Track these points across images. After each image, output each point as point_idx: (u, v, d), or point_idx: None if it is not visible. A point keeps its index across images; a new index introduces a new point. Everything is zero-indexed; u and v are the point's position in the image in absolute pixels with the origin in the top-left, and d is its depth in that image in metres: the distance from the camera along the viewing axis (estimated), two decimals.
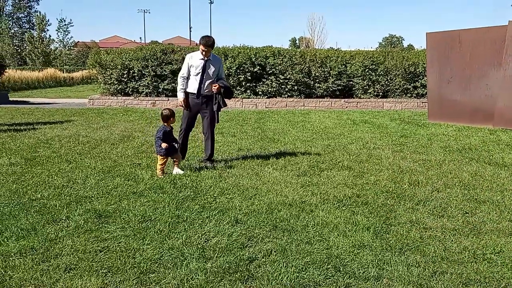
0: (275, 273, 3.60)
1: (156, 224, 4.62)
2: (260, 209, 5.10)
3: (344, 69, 16.41)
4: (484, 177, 6.53)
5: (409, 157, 7.87)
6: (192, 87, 7.06)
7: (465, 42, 11.96)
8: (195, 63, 7.00)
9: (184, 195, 5.57)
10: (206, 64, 6.99)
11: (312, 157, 7.79)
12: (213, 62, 7.08)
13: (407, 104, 16.11)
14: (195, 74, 7.01)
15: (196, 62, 7.00)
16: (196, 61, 7.00)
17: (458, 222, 4.77)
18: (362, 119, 12.93)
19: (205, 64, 6.98)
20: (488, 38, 11.49)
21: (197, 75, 6.99)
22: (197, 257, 3.86)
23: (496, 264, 3.84)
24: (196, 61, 7.00)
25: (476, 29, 12.01)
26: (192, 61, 7.02)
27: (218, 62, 7.22)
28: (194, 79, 7.03)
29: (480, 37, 11.68)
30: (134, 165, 7.11)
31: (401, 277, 3.57)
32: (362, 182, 6.25)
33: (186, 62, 7.08)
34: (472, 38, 11.85)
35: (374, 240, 4.28)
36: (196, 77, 7.01)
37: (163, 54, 16.42)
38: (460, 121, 11.93)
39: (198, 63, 6.98)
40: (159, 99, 16.31)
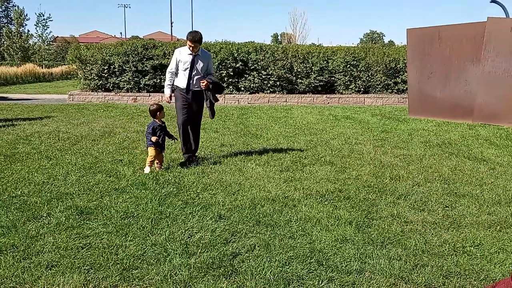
0: (258, 268, 3.62)
1: (138, 220, 4.59)
2: (243, 204, 5.11)
3: (326, 65, 16.49)
4: (464, 172, 6.63)
5: (390, 152, 7.95)
6: (180, 82, 6.99)
7: (444, 38, 12.11)
8: (184, 58, 6.91)
9: (166, 191, 5.54)
10: (194, 59, 6.89)
11: (294, 153, 7.82)
12: (202, 58, 6.98)
13: (388, 99, 16.26)
14: (183, 70, 6.93)
15: (184, 57, 6.91)
16: (185, 56, 6.91)
17: (438, 216, 4.84)
18: (344, 114, 13.02)
19: (193, 59, 6.89)
20: (467, 35, 11.65)
21: (186, 71, 6.91)
22: (180, 253, 3.85)
23: (475, 257, 3.91)
24: (184, 56, 6.91)
25: (456, 26, 12.16)
26: (181, 56, 6.93)
27: (207, 57, 7.12)
28: (183, 74, 6.95)
29: (459, 33, 11.84)
30: (116, 161, 7.05)
31: (383, 270, 3.62)
32: (344, 177, 6.30)
33: (175, 57, 6.99)
34: (452, 34, 12.00)
35: (356, 234, 4.32)
36: (185, 72, 6.93)
37: (144, 50, 16.28)
38: (440, 116, 12.10)
39: (187, 58, 6.90)
40: (140, 94, 16.18)
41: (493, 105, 11.27)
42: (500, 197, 5.45)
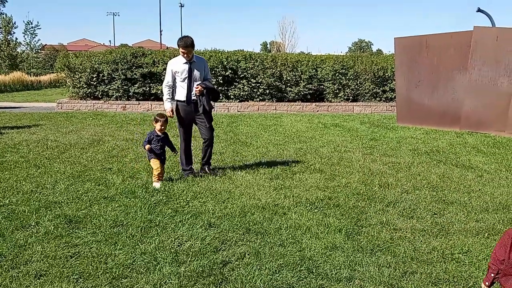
0: (248, 276, 3.62)
1: (128, 229, 4.57)
2: (233, 212, 5.11)
3: (315, 73, 16.57)
4: (452, 179, 6.69)
5: (379, 159, 8.00)
6: (180, 94, 6.65)
7: (432, 46, 12.24)
8: (179, 68, 6.57)
9: (156, 199, 5.53)
10: (191, 67, 6.57)
11: (284, 161, 7.84)
12: (198, 64, 6.66)
13: (377, 107, 16.37)
14: (181, 80, 6.60)
15: (180, 68, 6.57)
16: (180, 66, 6.58)
17: (427, 223, 4.88)
18: (333, 122, 13.09)
19: (190, 67, 6.56)
20: (454, 43, 11.79)
21: (184, 81, 6.58)
22: (170, 262, 3.84)
23: (464, 264, 3.94)
24: (179, 66, 6.58)
25: (443, 34, 12.31)
26: (176, 66, 6.60)
27: (202, 62, 6.81)
28: (181, 86, 6.63)
29: (447, 42, 11.98)
30: (105, 169, 7.02)
31: (373, 278, 3.64)
32: (334, 184, 6.33)
33: (169, 69, 6.65)
34: (439, 43, 12.14)
35: (346, 242, 4.34)
36: (183, 84, 6.60)
37: (133, 58, 16.26)
38: (428, 124, 12.20)
39: (182, 68, 6.56)
40: (129, 102, 16.14)
41: (480, 113, 11.40)
42: (487, 204, 5.51)
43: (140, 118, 13.55)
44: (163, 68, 15.96)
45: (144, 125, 11.95)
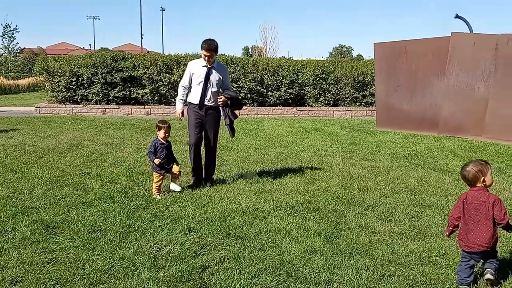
0: (228, 281, 3.61)
1: (106, 234, 4.53)
2: (213, 217, 5.10)
3: (296, 78, 16.67)
4: (429, 183, 6.78)
5: (358, 163, 8.07)
6: (194, 97, 6.42)
7: (410, 52, 12.42)
8: (197, 71, 6.37)
9: (135, 204, 5.49)
10: (209, 72, 6.35)
11: (265, 165, 7.86)
12: (218, 70, 6.44)
13: (357, 112, 16.53)
14: (197, 83, 6.37)
15: (198, 70, 6.37)
16: (199, 68, 6.38)
17: (405, 226, 4.93)
18: (314, 127, 13.16)
19: (208, 71, 6.34)
20: (432, 49, 11.98)
21: (200, 84, 6.35)
22: (148, 267, 3.81)
23: (441, 266, 4.00)
24: (198, 68, 6.38)
25: (421, 40, 12.50)
26: (194, 68, 6.40)
27: (223, 70, 6.60)
28: (196, 89, 6.40)
29: (425, 47, 12.17)
30: (83, 174, 6.94)
31: (351, 281, 3.66)
32: (314, 188, 6.36)
33: (188, 70, 6.45)
34: (418, 48, 12.33)
35: (325, 245, 4.37)
36: (198, 87, 6.37)
37: (113, 61, 16.14)
38: (407, 129, 12.35)
39: (201, 71, 6.36)
40: (109, 107, 16.00)
41: (458, 118, 11.59)
42: None
43: (120, 122, 13.44)
44: (143, 72, 15.89)
45: (124, 130, 11.86)
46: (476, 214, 3.60)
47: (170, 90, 16.12)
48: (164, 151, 5.95)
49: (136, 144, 9.68)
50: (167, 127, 6.00)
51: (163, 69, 16.05)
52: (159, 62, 16.06)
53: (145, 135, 10.94)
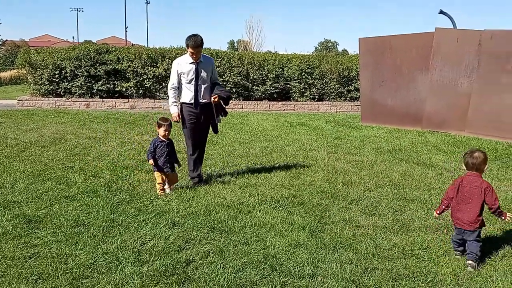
0: (212, 275, 3.61)
1: (89, 228, 4.49)
2: (198, 211, 5.09)
3: (281, 72, 16.65)
4: (413, 177, 6.84)
5: (343, 158, 8.11)
6: (186, 96, 6.19)
7: (395, 47, 12.49)
8: (185, 69, 6.12)
9: (119, 198, 5.45)
10: (198, 68, 6.12)
11: (250, 159, 7.85)
12: (205, 64, 6.22)
13: (342, 107, 16.59)
14: (187, 82, 6.15)
15: (186, 68, 6.12)
16: (186, 66, 6.12)
17: (389, 220, 4.98)
18: (299, 121, 13.18)
19: (197, 68, 6.11)
20: (416, 44, 12.05)
21: (191, 83, 6.14)
22: (132, 261, 3.79)
23: (423, 260, 4.04)
24: (185, 66, 6.13)
25: (406, 35, 12.57)
26: (181, 67, 6.14)
27: (210, 62, 6.36)
28: (187, 88, 6.18)
29: (409, 43, 12.24)
30: (66, 168, 6.87)
31: (335, 274, 3.68)
32: (299, 182, 6.38)
33: (175, 70, 6.18)
34: (402, 43, 12.39)
35: (310, 239, 4.39)
36: (189, 85, 6.15)
37: (97, 54, 15.94)
38: (391, 124, 12.44)
39: (189, 68, 6.11)
40: (93, 100, 15.83)
41: (441, 113, 11.70)
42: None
43: (104, 116, 13.31)
44: (127, 65, 15.74)
45: (108, 123, 11.75)
46: (469, 197, 4.05)
47: (154, 83, 16.00)
48: (165, 149, 5.75)
49: (120, 138, 9.60)
50: (168, 125, 5.79)
51: (147, 62, 15.91)
52: (143, 55, 15.92)
53: (129, 129, 10.86)
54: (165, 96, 16.13)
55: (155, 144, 5.75)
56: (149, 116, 13.41)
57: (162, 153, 5.73)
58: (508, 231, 4.68)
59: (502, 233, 4.63)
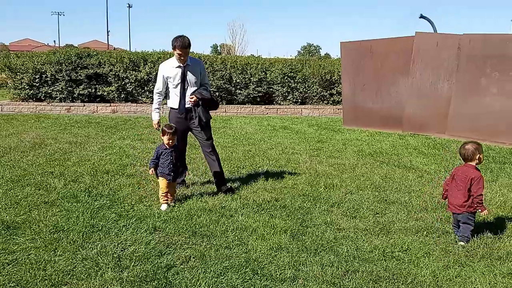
0: (193, 279, 3.60)
1: (69, 234, 4.44)
2: (180, 215, 5.07)
3: (264, 76, 16.68)
4: (394, 179, 6.91)
5: (325, 161, 8.15)
6: (173, 101, 6.00)
7: (376, 51, 12.61)
8: (171, 73, 5.88)
9: (99, 203, 5.39)
10: (184, 71, 5.87)
11: (232, 163, 7.84)
12: (193, 67, 5.94)
13: (324, 110, 16.67)
14: (174, 86, 5.92)
15: (172, 72, 5.88)
16: (172, 70, 5.88)
17: (369, 222, 5.01)
18: (282, 125, 13.21)
19: (184, 71, 5.86)
20: (397, 48, 12.19)
21: (177, 87, 5.91)
22: (112, 267, 3.76)
23: (403, 261, 4.08)
24: (171, 70, 5.89)
25: (387, 40, 12.70)
26: (167, 71, 5.91)
27: (199, 65, 6.08)
28: (174, 93, 5.96)
29: (390, 47, 12.37)
30: (46, 173, 6.78)
31: (316, 277, 3.70)
32: (281, 186, 6.39)
33: (161, 74, 5.95)
34: (383, 48, 12.52)
35: (291, 242, 4.40)
36: (176, 90, 5.93)
37: (78, 58, 15.79)
38: (372, 127, 12.53)
39: (175, 72, 5.87)
40: (74, 104, 15.66)
41: (422, 116, 11.83)
42: (427, 203, 5.72)
43: (85, 120, 13.18)
44: (109, 69, 15.63)
45: (89, 128, 11.64)
46: (460, 184, 4.59)
47: (137, 87, 15.91)
48: (169, 156, 5.49)
49: (102, 142, 9.52)
50: (172, 133, 5.51)
51: (129, 66, 15.81)
52: (125, 59, 15.81)
53: (110, 133, 10.76)
54: (148, 100, 16.06)
55: (158, 151, 5.52)
56: (131, 121, 13.32)
57: (165, 161, 5.48)
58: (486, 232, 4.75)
59: (480, 235, 4.69)
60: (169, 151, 5.52)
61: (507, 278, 3.78)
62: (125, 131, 11.13)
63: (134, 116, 14.86)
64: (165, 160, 5.48)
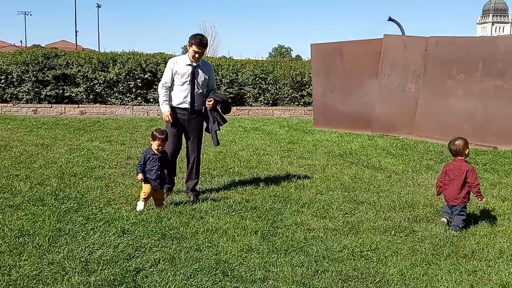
0: (162, 283, 3.56)
1: (34, 238, 4.33)
2: (149, 218, 5.00)
3: (235, 77, 16.69)
4: (363, 180, 7.00)
5: (295, 162, 8.20)
6: (176, 99, 5.79)
7: (346, 53, 12.77)
8: (181, 69, 5.74)
9: (66, 207, 5.28)
10: (194, 71, 5.74)
11: (203, 164, 7.76)
12: (203, 69, 5.83)
13: (295, 111, 16.78)
14: (180, 84, 5.75)
15: (182, 69, 5.74)
16: (182, 67, 5.75)
17: (339, 222, 5.06)
18: (253, 126, 13.23)
19: (193, 71, 5.73)
20: (366, 50, 12.37)
21: (183, 85, 5.74)
22: (79, 271, 3.68)
23: (372, 261, 4.13)
24: (182, 67, 5.75)
25: (356, 42, 12.88)
26: (177, 67, 5.76)
27: (209, 69, 5.96)
28: (180, 90, 5.77)
29: (359, 49, 12.54)
30: (11, 176, 6.60)
31: (286, 278, 3.71)
32: (252, 187, 6.39)
33: (169, 68, 5.79)
34: (352, 49, 12.69)
35: (262, 243, 4.40)
36: (182, 87, 5.75)
37: (45, 59, 15.48)
38: (342, 128, 12.68)
39: (185, 69, 5.73)
40: (41, 106, 15.34)
41: (390, 117, 12.04)
42: (395, 203, 5.81)
43: (52, 122, 12.92)
44: (77, 70, 15.36)
45: (56, 129, 11.41)
46: (454, 178, 4.97)
47: (106, 88, 15.69)
48: (156, 162, 5.24)
49: (69, 144, 9.34)
50: (163, 139, 5.28)
51: (98, 67, 15.58)
52: (94, 59, 15.57)
53: (78, 135, 10.58)
54: (117, 101, 15.85)
55: (146, 156, 5.25)
56: (100, 122, 13.13)
57: (152, 167, 5.23)
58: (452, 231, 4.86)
59: (446, 233, 4.79)
60: (157, 157, 5.27)
61: (472, 275, 3.86)
62: (93, 133, 10.96)
63: (103, 117, 14.64)
64: (152, 166, 5.22)
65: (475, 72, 10.75)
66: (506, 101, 10.38)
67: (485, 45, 11.14)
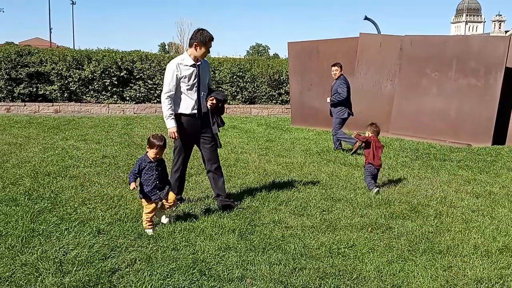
0: (138, 283, 3.52)
1: (7, 239, 4.24)
2: (125, 217, 4.94)
3: (213, 75, 16.62)
4: (340, 177, 7.04)
5: (273, 160, 8.20)
6: (187, 106, 5.19)
7: (322, 52, 12.83)
8: (186, 72, 5.12)
9: (40, 207, 5.18)
10: (199, 72, 5.21)
11: None
12: (204, 67, 5.32)
13: (273, 110, 16.80)
14: (188, 88, 5.16)
15: (187, 71, 5.12)
16: (187, 69, 5.13)
17: (316, 220, 5.08)
18: (231, 124, 13.19)
19: (198, 71, 5.20)
20: (342, 49, 12.45)
21: (192, 89, 5.17)
22: (53, 272, 3.62)
23: (349, 257, 4.16)
24: (186, 69, 5.12)
25: (332, 40, 12.95)
26: (181, 70, 5.11)
27: (207, 66, 5.45)
28: (188, 95, 5.18)
29: (336, 47, 12.61)
30: None
31: (264, 276, 3.71)
32: (230, 185, 6.36)
33: (173, 73, 5.10)
34: (329, 48, 12.75)
35: (239, 242, 4.39)
36: (190, 92, 5.17)
37: (18, 56, 15.16)
38: (320, 126, 12.73)
39: (190, 71, 5.14)
40: (14, 104, 15.02)
41: (366, 115, 12.12)
42: (371, 200, 5.86)
43: (25, 120, 12.65)
44: (51, 68, 15.09)
45: (30, 128, 11.18)
46: (379, 149, 6.58)
47: (81, 86, 15.45)
48: (153, 171, 4.70)
49: (43, 143, 9.16)
50: (161, 146, 4.72)
51: (73, 64, 15.33)
52: (68, 57, 15.32)
53: (53, 134, 10.39)
54: (92, 99, 15.63)
55: (141, 165, 4.69)
56: (75, 121, 12.92)
57: (149, 177, 4.69)
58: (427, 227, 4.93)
59: (423, 230, 4.85)
60: (154, 165, 4.73)
61: (448, 271, 3.92)
62: (68, 132, 10.78)
63: (78, 116, 14.41)
64: (149, 176, 4.68)
65: (449, 70, 10.92)
66: (479, 99, 10.58)
67: (458, 44, 11.32)
